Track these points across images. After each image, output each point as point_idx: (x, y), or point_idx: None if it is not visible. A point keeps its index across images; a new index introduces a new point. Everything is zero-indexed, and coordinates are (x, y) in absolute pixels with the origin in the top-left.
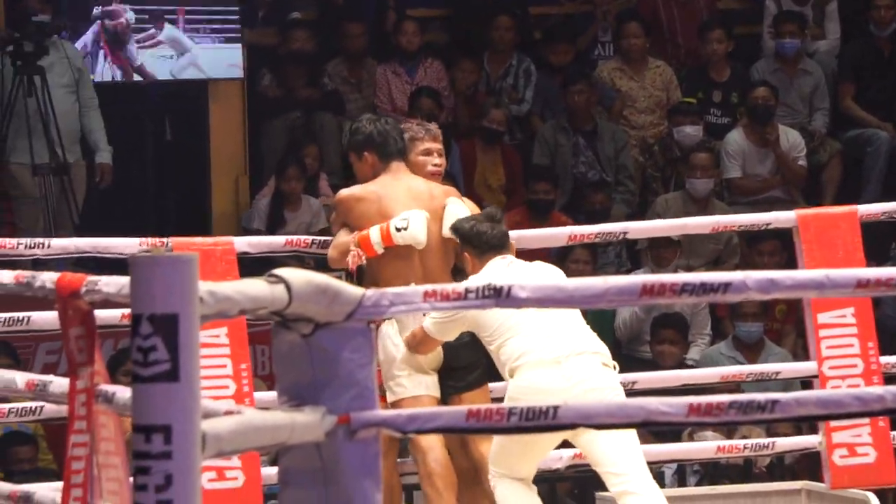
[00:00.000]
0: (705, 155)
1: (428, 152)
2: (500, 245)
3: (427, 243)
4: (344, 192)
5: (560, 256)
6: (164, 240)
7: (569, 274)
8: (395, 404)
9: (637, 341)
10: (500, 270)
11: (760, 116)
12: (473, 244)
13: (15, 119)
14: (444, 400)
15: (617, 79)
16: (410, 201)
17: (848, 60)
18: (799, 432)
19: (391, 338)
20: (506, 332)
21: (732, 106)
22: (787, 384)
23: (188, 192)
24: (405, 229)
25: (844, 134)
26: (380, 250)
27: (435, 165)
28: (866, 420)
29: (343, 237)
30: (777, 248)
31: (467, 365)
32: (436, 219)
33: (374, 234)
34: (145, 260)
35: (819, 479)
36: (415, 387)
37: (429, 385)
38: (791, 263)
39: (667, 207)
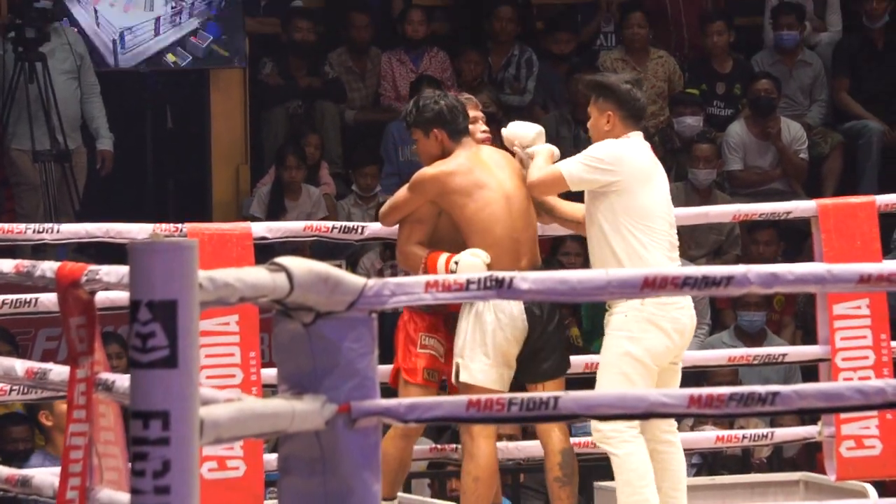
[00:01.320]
0: (707, 146)
1: (475, 120)
2: (642, 118)
3: (513, 210)
4: (431, 170)
5: (552, 249)
6: (179, 225)
7: (560, 267)
8: (466, 386)
9: None
10: (643, 150)
11: (762, 108)
12: (625, 107)
13: (16, 105)
14: (523, 387)
15: (619, 69)
16: (498, 170)
17: (842, 54)
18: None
19: (485, 317)
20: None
21: (735, 97)
22: (789, 374)
23: (189, 179)
24: (456, 270)
25: (840, 126)
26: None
27: (484, 132)
28: (875, 413)
29: (415, 248)
30: (774, 237)
31: (553, 350)
32: (521, 180)
33: (441, 264)
34: (145, 246)
35: (817, 469)
36: (495, 380)
37: (505, 380)
38: (788, 253)
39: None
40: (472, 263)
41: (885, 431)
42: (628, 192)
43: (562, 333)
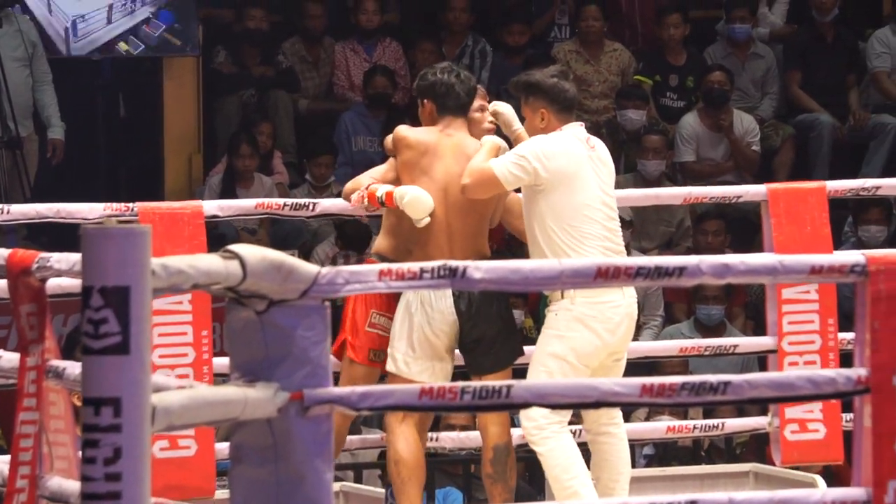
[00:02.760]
0: (657, 137)
1: (482, 108)
2: (574, 108)
3: (449, 202)
4: (402, 131)
5: (512, 236)
6: (130, 204)
7: (513, 258)
8: (392, 377)
9: None
10: (580, 140)
11: (715, 100)
12: (556, 101)
13: None
14: (468, 378)
15: (573, 61)
16: (454, 162)
17: (793, 47)
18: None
19: (412, 309)
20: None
21: (688, 90)
22: (746, 369)
23: (141, 167)
24: (405, 200)
25: (792, 119)
26: (382, 209)
27: (491, 122)
28: None
29: (364, 178)
30: (721, 227)
31: (492, 344)
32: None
33: (381, 192)
34: (97, 232)
35: (766, 460)
36: (418, 372)
37: (436, 372)
38: (735, 245)
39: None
40: (418, 197)
41: (829, 416)
42: (554, 191)
43: (504, 326)
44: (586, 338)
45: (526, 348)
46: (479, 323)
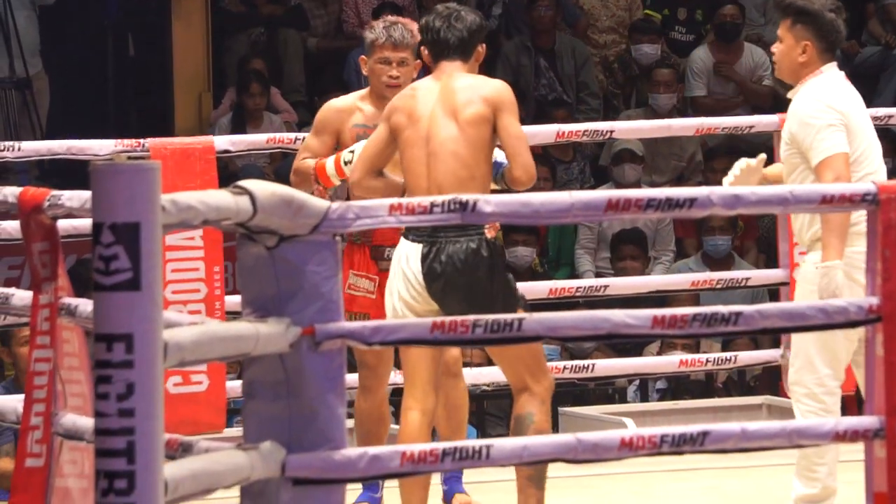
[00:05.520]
0: (667, 71)
1: (386, 60)
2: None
3: (439, 149)
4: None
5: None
6: (141, 140)
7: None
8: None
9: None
10: (852, 91)
11: (727, 34)
12: (826, 39)
13: None
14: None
15: None
16: (438, 104)
17: None
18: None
19: (396, 269)
20: None
21: (697, 23)
22: (756, 299)
23: (151, 107)
24: (351, 162)
25: None
26: (336, 182)
27: (391, 77)
28: None
29: (306, 160)
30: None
31: (483, 308)
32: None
33: (330, 165)
34: (107, 168)
35: (780, 393)
36: None
37: None
38: None
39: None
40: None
41: None
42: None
43: (495, 288)
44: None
45: (535, 285)
46: (458, 284)
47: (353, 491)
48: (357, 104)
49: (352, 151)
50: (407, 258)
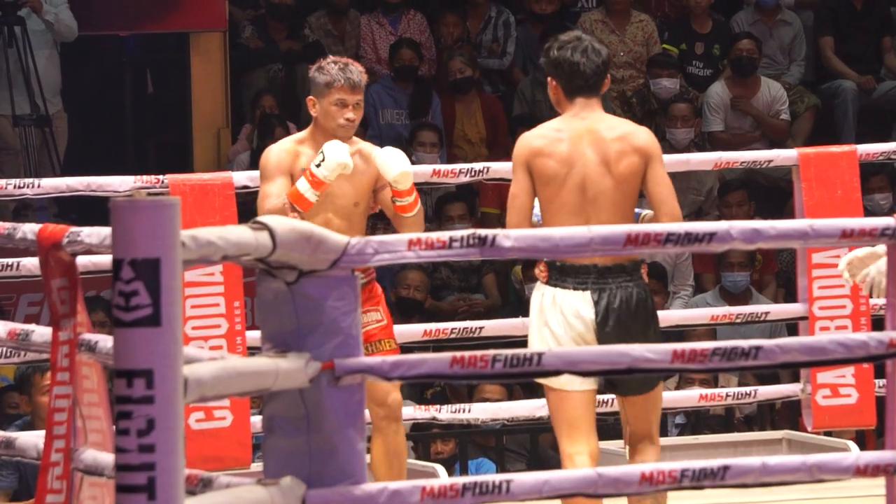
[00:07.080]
0: (685, 105)
1: (342, 103)
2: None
3: (600, 197)
4: (523, 140)
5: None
6: (161, 177)
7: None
8: (547, 389)
9: None
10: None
11: (744, 69)
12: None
13: None
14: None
15: (598, 31)
16: (590, 150)
17: (825, 13)
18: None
19: (545, 314)
20: None
21: (714, 58)
22: (774, 332)
23: (170, 143)
24: (323, 161)
25: (819, 86)
26: (314, 198)
27: (347, 120)
28: None
29: (273, 203)
30: (744, 198)
31: None
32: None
33: (301, 184)
34: (127, 204)
35: (799, 428)
36: (569, 380)
37: (586, 378)
38: (764, 214)
39: None
40: (331, 146)
41: (861, 380)
42: None
43: (657, 329)
44: None
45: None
46: (621, 340)
47: None
48: (297, 148)
49: (321, 153)
50: (570, 304)
